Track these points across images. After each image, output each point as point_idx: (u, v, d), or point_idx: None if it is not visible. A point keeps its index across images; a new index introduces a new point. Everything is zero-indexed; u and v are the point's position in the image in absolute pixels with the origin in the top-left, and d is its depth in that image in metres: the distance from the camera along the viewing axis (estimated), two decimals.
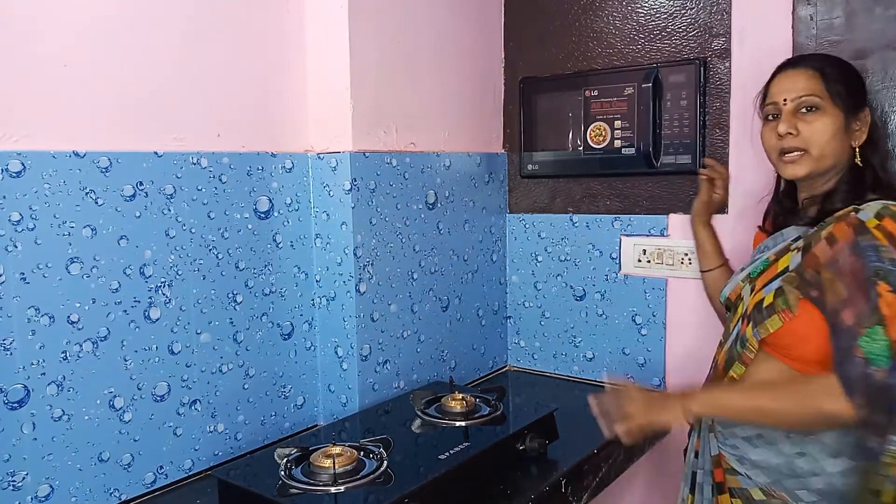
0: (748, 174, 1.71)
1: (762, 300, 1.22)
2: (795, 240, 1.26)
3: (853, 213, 1.17)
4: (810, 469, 1.19)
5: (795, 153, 1.26)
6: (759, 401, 1.19)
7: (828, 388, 1.11)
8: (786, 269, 1.22)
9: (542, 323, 2.08)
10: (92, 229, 1.24)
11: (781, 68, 1.31)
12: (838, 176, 1.27)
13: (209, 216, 1.42)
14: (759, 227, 1.47)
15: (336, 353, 1.64)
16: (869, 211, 1.16)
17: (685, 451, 1.41)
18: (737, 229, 1.70)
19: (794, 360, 1.20)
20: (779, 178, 1.39)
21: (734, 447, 1.26)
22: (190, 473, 1.41)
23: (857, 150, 1.26)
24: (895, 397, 1.06)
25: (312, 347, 1.66)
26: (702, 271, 1.66)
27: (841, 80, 1.25)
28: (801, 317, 1.16)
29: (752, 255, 1.40)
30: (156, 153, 1.33)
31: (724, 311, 1.60)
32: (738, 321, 1.30)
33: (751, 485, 1.24)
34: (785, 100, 1.26)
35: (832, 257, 1.15)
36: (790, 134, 1.25)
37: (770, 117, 1.30)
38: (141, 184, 1.31)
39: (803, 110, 1.25)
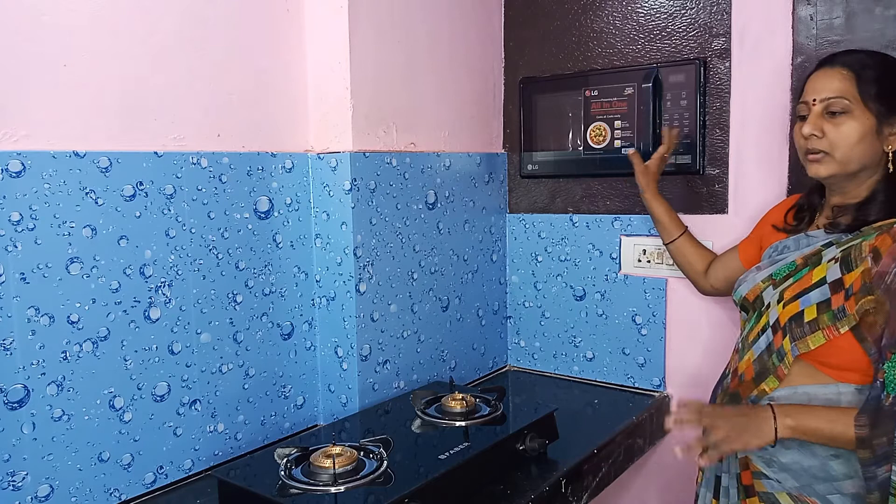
0: (748, 174, 1.71)
1: (801, 313, 1.20)
2: (826, 245, 1.24)
3: None
4: (845, 472, 1.17)
5: (819, 154, 1.24)
6: (849, 428, 1.12)
7: None
8: (822, 280, 1.20)
9: (542, 323, 2.08)
10: (92, 229, 1.24)
11: (820, 65, 1.28)
12: (873, 183, 1.24)
13: (209, 216, 1.42)
14: (773, 225, 1.43)
15: (336, 353, 1.64)
16: None
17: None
18: (736, 229, 1.70)
19: (828, 367, 1.19)
20: None
21: (764, 449, 1.21)
22: (190, 473, 1.41)
23: (893, 155, 1.21)
24: None
25: (312, 347, 1.66)
26: (665, 244, 1.70)
27: (878, 81, 1.21)
28: (844, 334, 1.16)
29: (769, 254, 1.38)
30: (156, 153, 1.33)
31: (706, 287, 1.65)
32: (763, 329, 1.27)
33: (778, 489, 1.22)
34: (814, 100, 1.24)
35: (880, 275, 1.13)
36: (815, 136, 1.24)
37: (801, 116, 1.28)
38: (141, 184, 1.31)
39: (831, 112, 1.22)
